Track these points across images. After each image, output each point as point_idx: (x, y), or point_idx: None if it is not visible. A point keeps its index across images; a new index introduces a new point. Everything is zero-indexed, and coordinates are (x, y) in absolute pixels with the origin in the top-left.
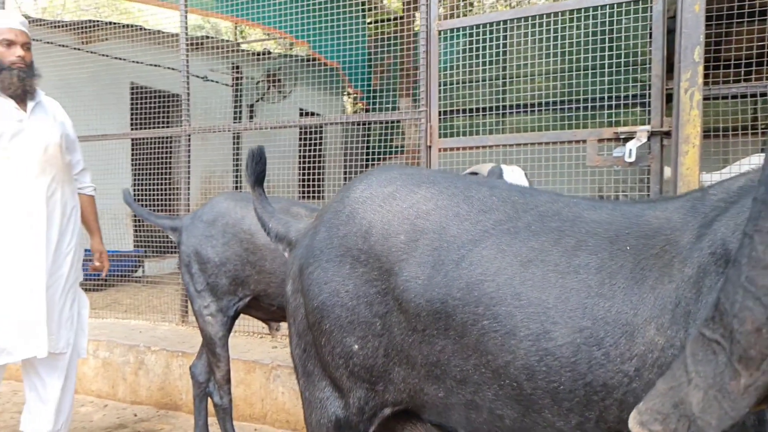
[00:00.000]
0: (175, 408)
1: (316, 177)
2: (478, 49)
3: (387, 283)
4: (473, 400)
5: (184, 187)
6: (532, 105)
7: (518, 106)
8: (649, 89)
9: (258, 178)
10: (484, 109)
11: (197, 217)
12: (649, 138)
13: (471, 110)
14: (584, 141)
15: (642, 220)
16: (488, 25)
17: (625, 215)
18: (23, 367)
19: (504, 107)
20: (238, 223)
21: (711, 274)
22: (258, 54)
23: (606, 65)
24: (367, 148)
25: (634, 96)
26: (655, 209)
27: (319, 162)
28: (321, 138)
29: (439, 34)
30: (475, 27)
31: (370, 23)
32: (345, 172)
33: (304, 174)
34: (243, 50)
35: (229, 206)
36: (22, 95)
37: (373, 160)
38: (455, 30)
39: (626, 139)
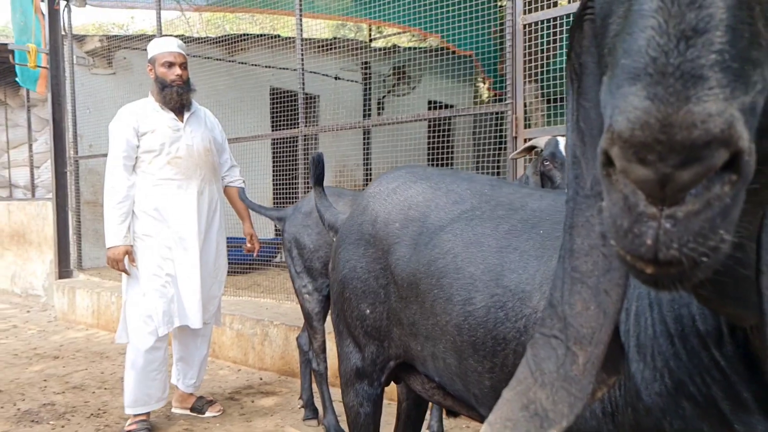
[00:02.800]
0: (292, 375)
1: (445, 167)
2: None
3: (386, 261)
4: (434, 352)
5: (302, 182)
6: None
7: None
8: None
9: (318, 179)
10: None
11: (297, 208)
12: None
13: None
14: None
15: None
16: (571, 16)
17: (555, 204)
18: (174, 334)
19: None
20: None
21: None
22: (386, 50)
23: None
24: (498, 136)
25: None
26: None
27: (449, 152)
28: (450, 128)
29: (524, 27)
30: (558, 18)
31: (499, 8)
32: (476, 162)
33: (433, 164)
34: (373, 48)
35: None
36: (180, 108)
37: (504, 147)
38: (542, 21)
39: None
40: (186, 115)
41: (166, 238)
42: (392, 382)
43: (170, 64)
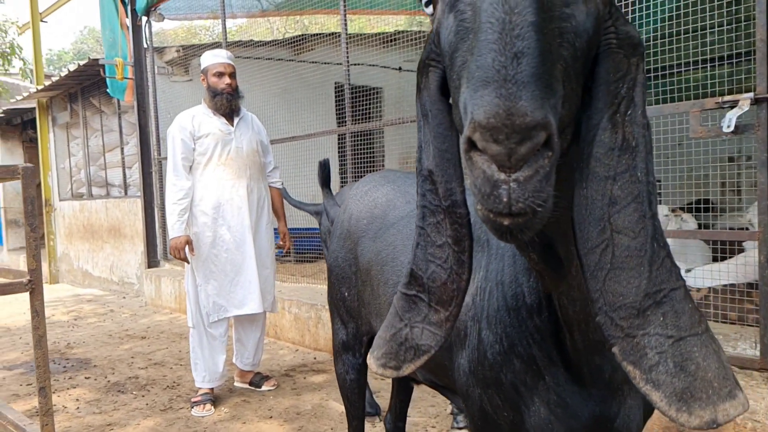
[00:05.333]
0: None
1: None
2: None
3: (355, 251)
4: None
5: (350, 176)
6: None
7: None
8: (754, 54)
9: (325, 181)
10: None
11: None
12: (753, 104)
13: None
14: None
15: None
16: None
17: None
18: (233, 319)
19: None
20: None
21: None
22: None
23: (707, 26)
24: None
25: (738, 62)
26: None
27: None
28: None
29: None
30: None
31: None
32: None
33: None
34: None
35: None
36: (230, 113)
37: None
38: None
39: (732, 108)
40: (236, 120)
41: (222, 234)
42: None
43: (220, 74)
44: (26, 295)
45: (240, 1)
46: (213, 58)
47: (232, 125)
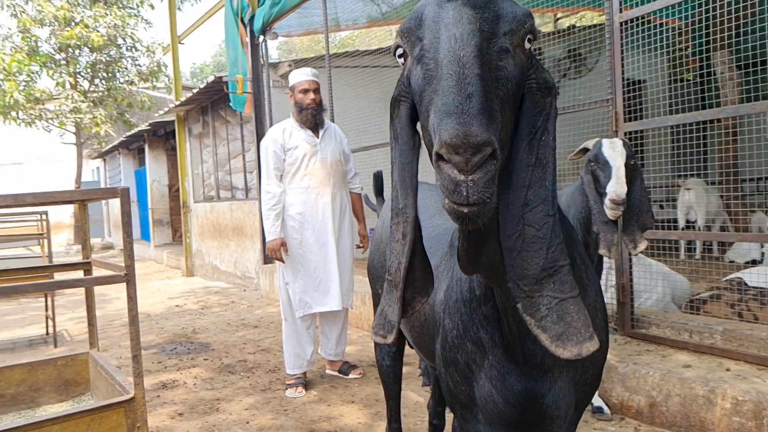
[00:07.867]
0: None
1: None
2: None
3: (385, 255)
4: None
5: None
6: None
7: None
8: None
9: (378, 190)
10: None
11: None
12: None
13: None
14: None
15: None
16: (668, 8)
17: None
18: (320, 315)
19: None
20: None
21: (454, 247)
22: (555, 33)
23: None
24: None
25: None
26: None
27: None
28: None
29: (621, 25)
30: (656, 12)
31: None
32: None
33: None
34: (544, 33)
35: None
36: (315, 126)
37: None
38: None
39: None
40: (321, 132)
41: (307, 238)
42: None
43: (305, 91)
44: (165, 287)
45: (357, 12)
46: (299, 76)
47: (318, 137)
